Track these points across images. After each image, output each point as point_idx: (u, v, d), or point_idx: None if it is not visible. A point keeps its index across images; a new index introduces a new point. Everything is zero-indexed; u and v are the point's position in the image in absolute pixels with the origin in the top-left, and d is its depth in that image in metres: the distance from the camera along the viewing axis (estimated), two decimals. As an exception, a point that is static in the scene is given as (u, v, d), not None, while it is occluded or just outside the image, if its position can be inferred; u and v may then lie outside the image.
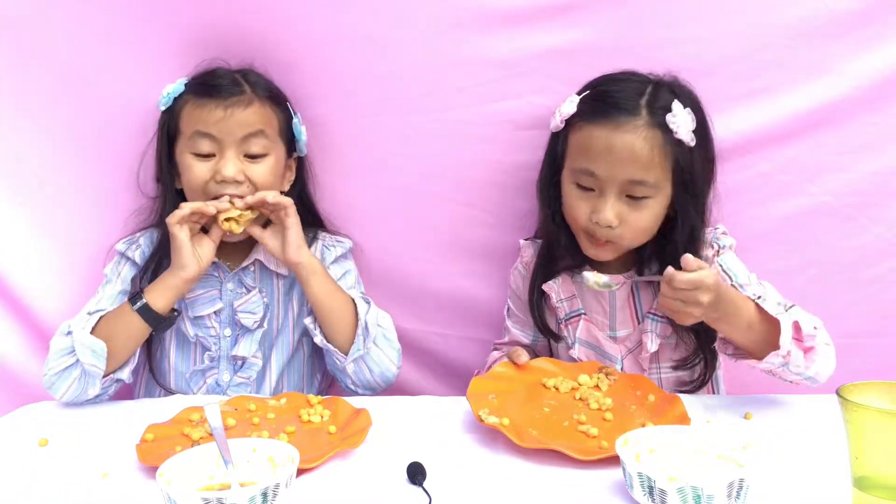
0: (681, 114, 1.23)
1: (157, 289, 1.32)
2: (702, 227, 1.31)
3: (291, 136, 1.43)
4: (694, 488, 0.86)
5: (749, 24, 1.37)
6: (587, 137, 1.26)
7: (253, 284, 1.42)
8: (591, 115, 1.26)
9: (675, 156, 1.24)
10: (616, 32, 1.38)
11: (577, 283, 1.39)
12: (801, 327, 1.15)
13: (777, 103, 1.39)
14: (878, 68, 1.36)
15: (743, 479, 0.87)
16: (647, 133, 1.22)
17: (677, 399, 1.18)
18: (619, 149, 1.22)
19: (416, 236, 1.54)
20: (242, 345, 1.41)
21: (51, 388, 1.29)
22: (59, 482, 1.03)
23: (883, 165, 1.40)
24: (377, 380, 1.36)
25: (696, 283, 1.10)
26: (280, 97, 1.42)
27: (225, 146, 1.34)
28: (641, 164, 1.22)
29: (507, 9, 1.40)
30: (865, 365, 1.32)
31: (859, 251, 1.42)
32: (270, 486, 0.84)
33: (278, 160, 1.39)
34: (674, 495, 0.86)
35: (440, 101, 1.46)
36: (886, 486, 0.82)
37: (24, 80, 1.45)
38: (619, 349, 1.36)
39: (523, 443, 1.05)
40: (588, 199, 1.27)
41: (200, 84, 1.38)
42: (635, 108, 1.23)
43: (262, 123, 1.36)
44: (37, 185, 1.48)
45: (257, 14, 1.44)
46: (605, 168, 1.23)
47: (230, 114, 1.33)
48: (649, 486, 0.89)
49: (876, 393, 0.87)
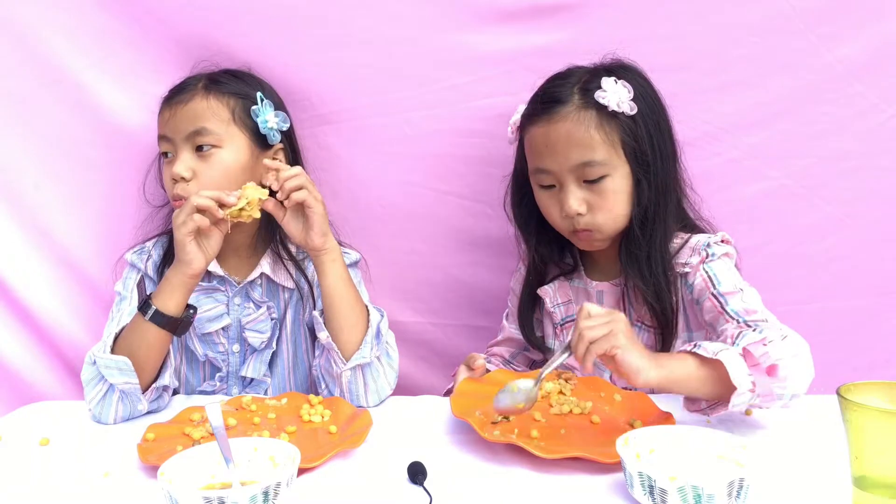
0: (611, 88, 1.25)
1: (164, 291, 1.25)
2: (667, 200, 1.29)
3: (257, 126, 1.37)
4: (694, 487, 0.86)
5: (720, 23, 1.46)
6: (532, 138, 1.30)
7: (260, 299, 1.40)
8: (529, 117, 1.31)
9: (618, 129, 1.25)
10: (601, 31, 1.45)
11: (573, 289, 1.40)
12: (751, 351, 1.05)
13: (744, 95, 1.48)
14: (830, 63, 1.47)
15: (743, 479, 0.87)
16: (578, 116, 1.25)
17: (643, 395, 1.20)
18: (555, 138, 1.26)
19: (413, 229, 1.57)
20: (252, 366, 1.39)
21: (100, 418, 1.24)
22: (60, 482, 1.03)
23: (832, 151, 1.51)
24: (369, 396, 1.29)
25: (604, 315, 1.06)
26: (240, 89, 1.37)
27: (176, 145, 1.33)
28: (582, 146, 1.24)
29: (500, 8, 1.46)
30: (821, 327, 1.41)
31: (812, 228, 1.54)
32: (271, 486, 0.84)
33: (237, 151, 1.34)
34: (674, 495, 0.87)
35: (436, 97, 1.50)
36: (886, 486, 0.82)
37: (23, 86, 1.46)
38: None
39: (549, 454, 1.02)
40: (554, 196, 1.30)
41: (169, 91, 1.39)
42: (567, 96, 1.27)
43: (203, 116, 1.33)
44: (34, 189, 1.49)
45: (257, 16, 1.45)
46: (551, 161, 1.27)
47: (173, 112, 1.33)
48: (650, 486, 0.89)
49: (876, 393, 0.87)
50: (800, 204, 1.52)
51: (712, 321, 1.24)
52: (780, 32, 1.46)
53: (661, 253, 1.28)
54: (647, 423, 1.12)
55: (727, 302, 1.21)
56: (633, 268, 1.29)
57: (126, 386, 1.22)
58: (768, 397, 1.06)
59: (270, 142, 1.39)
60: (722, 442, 0.96)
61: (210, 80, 1.37)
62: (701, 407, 1.11)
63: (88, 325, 1.51)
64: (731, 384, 1.03)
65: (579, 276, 1.40)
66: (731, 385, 1.03)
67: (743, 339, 1.08)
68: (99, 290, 1.51)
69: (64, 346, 1.52)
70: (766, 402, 1.07)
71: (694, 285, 1.27)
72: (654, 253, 1.28)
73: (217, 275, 1.39)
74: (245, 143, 1.36)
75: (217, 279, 1.40)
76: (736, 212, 1.46)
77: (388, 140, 1.52)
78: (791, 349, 1.07)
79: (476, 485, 0.99)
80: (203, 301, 1.38)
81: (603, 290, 1.38)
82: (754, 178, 1.51)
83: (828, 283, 1.56)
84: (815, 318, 1.52)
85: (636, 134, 1.26)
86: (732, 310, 1.20)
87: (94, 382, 1.24)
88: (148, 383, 1.25)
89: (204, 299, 1.38)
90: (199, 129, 1.32)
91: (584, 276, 1.40)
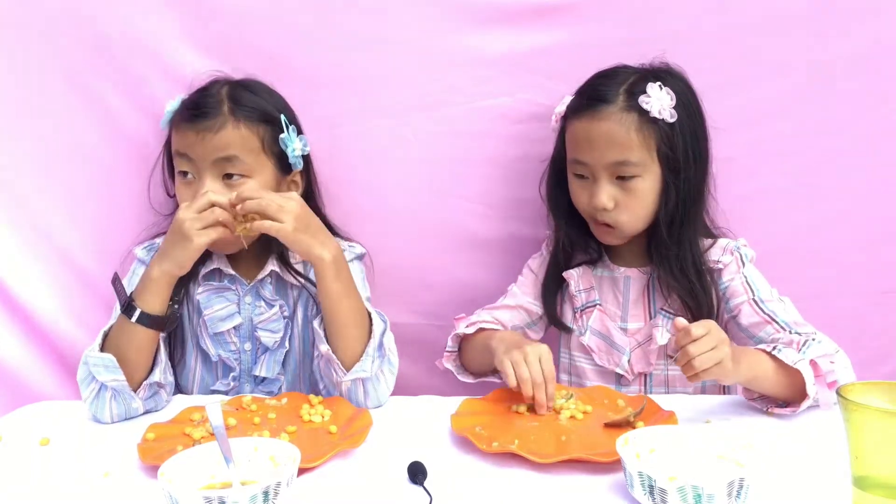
0: (655, 94, 1.30)
1: (147, 291, 1.23)
2: (697, 207, 1.35)
3: (282, 151, 1.37)
4: (694, 487, 0.86)
5: (716, 23, 1.47)
6: (574, 131, 1.35)
7: (271, 297, 1.40)
8: (576, 111, 1.35)
9: (656, 134, 1.30)
10: (600, 32, 1.47)
11: (596, 277, 1.44)
12: (819, 365, 1.16)
13: (740, 94, 1.49)
14: (825, 61, 1.48)
15: (743, 479, 0.87)
16: (621, 117, 1.29)
17: (646, 398, 1.21)
18: (596, 136, 1.30)
19: (413, 230, 1.57)
20: (264, 365, 1.39)
21: (97, 417, 1.24)
22: (60, 482, 1.03)
23: (828, 150, 1.52)
24: (368, 403, 1.28)
25: (706, 326, 1.10)
26: (267, 114, 1.35)
27: (201, 169, 1.31)
28: (620, 146, 1.29)
29: (499, 11, 1.47)
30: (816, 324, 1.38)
31: (808, 226, 1.56)
32: (272, 485, 0.84)
33: (265, 179, 1.34)
34: (674, 494, 0.87)
35: (436, 98, 1.51)
36: (886, 486, 0.82)
37: (25, 87, 1.46)
38: (628, 341, 1.39)
39: (544, 459, 1.02)
40: (586, 187, 1.35)
41: (185, 103, 1.36)
42: (614, 96, 1.31)
43: (235, 146, 1.31)
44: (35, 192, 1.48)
45: (258, 21, 1.46)
46: (589, 155, 1.32)
47: (201, 137, 1.30)
48: (650, 486, 0.89)
49: (876, 393, 0.87)
50: (795, 202, 1.54)
51: (752, 326, 1.31)
52: (775, 31, 1.47)
53: (692, 254, 1.34)
54: (650, 425, 1.12)
55: (775, 312, 1.30)
56: (664, 267, 1.35)
57: (114, 383, 1.21)
58: (824, 406, 1.15)
59: (294, 168, 1.40)
60: (722, 442, 0.97)
61: (233, 101, 1.33)
62: (754, 397, 1.21)
63: (87, 325, 1.50)
64: (800, 389, 1.14)
65: (604, 264, 1.44)
66: (800, 390, 1.14)
67: (809, 349, 1.19)
68: (99, 291, 1.50)
69: (63, 348, 1.52)
70: (822, 407, 1.16)
71: (729, 286, 1.35)
72: (684, 254, 1.34)
73: (227, 273, 1.39)
74: (271, 170, 1.36)
75: (227, 278, 1.39)
76: (731, 210, 1.46)
77: (388, 142, 1.52)
78: (844, 362, 1.21)
79: (476, 485, 0.99)
80: (214, 300, 1.38)
81: (631, 276, 1.41)
82: (750, 177, 1.51)
83: (824, 281, 1.57)
84: (811, 317, 1.50)
85: (672, 141, 1.31)
86: (783, 321, 1.29)
87: (87, 382, 1.24)
88: (139, 382, 1.24)
89: (215, 299, 1.38)
90: (230, 157, 1.31)
91: (610, 263, 1.43)
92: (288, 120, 1.37)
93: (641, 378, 1.40)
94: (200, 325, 1.38)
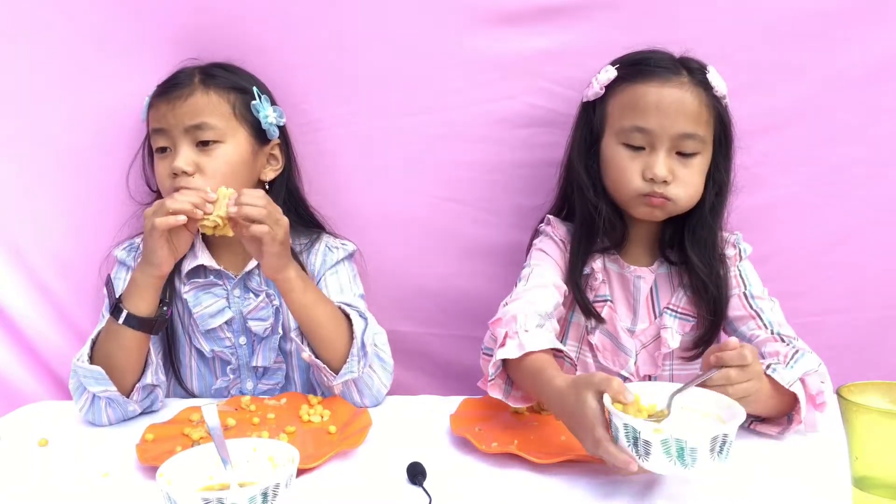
0: (716, 74, 1.29)
1: (134, 294, 1.23)
2: (726, 195, 1.34)
3: (256, 120, 1.37)
4: (678, 440, 0.87)
5: (728, 27, 1.44)
6: (635, 96, 1.28)
7: (258, 287, 1.39)
8: (634, 77, 1.30)
9: (718, 113, 1.29)
10: (604, 35, 1.43)
11: (606, 271, 1.39)
12: (811, 388, 1.12)
13: (754, 101, 1.45)
14: (842, 68, 1.45)
15: (727, 436, 0.88)
16: (692, 89, 1.27)
17: None
18: (668, 102, 1.25)
19: (413, 237, 1.54)
20: (261, 354, 1.38)
21: (93, 423, 1.24)
22: (59, 482, 1.03)
23: (844, 158, 1.49)
24: (365, 401, 1.29)
25: (754, 355, 1.07)
26: (237, 84, 1.36)
27: (175, 138, 1.31)
28: (692, 117, 1.26)
29: (501, 12, 1.44)
30: (830, 340, 1.40)
31: (824, 236, 1.52)
32: (270, 486, 0.84)
33: (238, 146, 1.34)
34: (658, 447, 0.88)
35: (436, 102, 1.48)
36: (886, 486, 0.82)
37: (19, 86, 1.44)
38: (634, 343, 1.36)
39: (544, 459, 1.02)
40: (639, 158, 1.28)
41: (159, 85, 1.37)
42: (677, 68, 1.28)
43: (206, 110, 1.32)
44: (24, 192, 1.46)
45: (254, 18, 1.44)
46: (656, 122, 1.26)
47: (172, 105, 1.32)
48: (634, 437, 0.89)
49: (876, 393, 0.87)
50: (811, 212, 1.50)
51: (737, 319, 1.31)
52: (791, 37, 1.43)
53: (718, 244, 1.33)
54: None
55: (762, 310, 1.29)
56: (698, 251, 1.32)
57: (105, 394, 1.21)
58: (810, 427, 1.12)
59: (269, 137, 1.39)
60: (708, 401, 0.97)
61: (205, 73, 1.36)
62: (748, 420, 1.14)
63: (75, 330, 1.49)
64: (788, 407, 1.11)
65: (615, 259, 1.39)
66: (788, 408, 1.11)
67: (797, 364, 1.14)
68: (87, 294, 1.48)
69: (48, 354, 1.50)
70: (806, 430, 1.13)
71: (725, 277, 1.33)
72: (714, 242, 1.32)
73: (213, 269, 1.38)
74: (245, 137, 1.36)
75: (213, 274, 1.39)
76: (745, 219, 1.42)
77: (387, 145, 1.50)
78: (826, 376, 1.17)
79: (476, 485, 0.99)
80: (202, 297, 1.37)
81: (641, 274, 1.38)
82: (765, 186, 1.48)
83: (840, 292, 1.53)
84: (825, 329, 1.49)
85: (725, 123, 1.30)
86: (768, 319, 1.28)
87: (79, 393, 1.23)
88: (132, 385, 1.24)
89: (202, 296, 1.38)
90: (201, 123, 1.32)
91: (620, 259, 1.39)
92: (260, 91, 1.38)
93: (646, 379, 1.37)
94: (192, 324, 1.38)
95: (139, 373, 1.25)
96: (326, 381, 1.27)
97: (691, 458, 0.87)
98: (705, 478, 0.97)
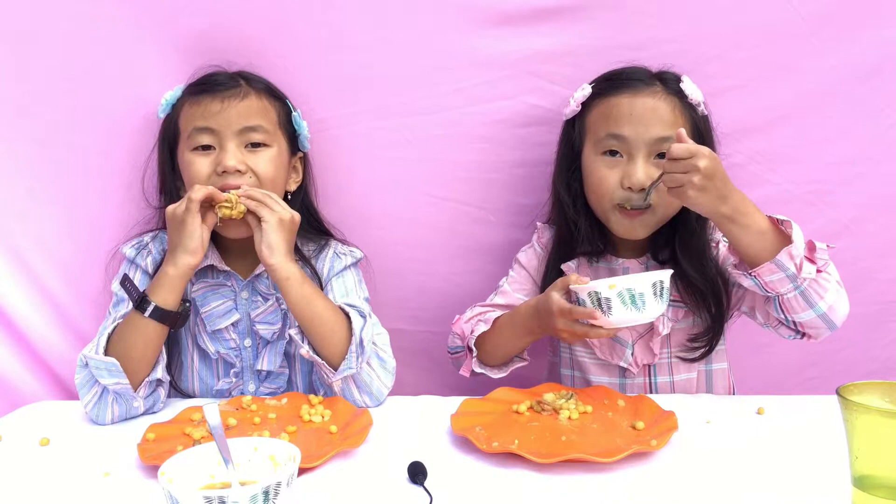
0: (690, 84, 1.33)
1: (163, 286, 1.25)
2: None
3: (293, 131, 1.42)
4: (629, 289, 1.13)
5: (723, 27, 1.46)
6: (609, 107, 1.32)
7: (267, 291, 1.40)
8: (609, 90, 1.34)
9: (691, 121, 1.32)
10: (602, 35, 1.45)
11: (594, 269, 1.41)
12: (815, 245, 1.17)
13: (747, 99, 1.47)
14: (834, 67, 1.47)
15: (663, 281, 1.14)
16: (665, 97, 1.31)
17: (646, 398, 1.21)
18: (642, 110, 1.29)
19: (413, 236, 1.56)
20: (266, 358, 1.38)
21: (97, 420, 1.24)
22: (60, 482, 1.03)
23: (837, 156, 1.51)
24: (365, 400, 1.29)
25: (692, 151, 1.14)
26: (277, 92, 1.41)
27: (224, 138, 1.32)
28: (666, 122, 1.29)
29: (501, 12, 1.46)
30: None
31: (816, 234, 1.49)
32: (272, 485, 0.84)
33: (281, 153, 1.38)
34: (616, 301, 1.14)
35: (437, 102, 1.49)
36: (886, 486, 0.83)
37: (22, 88, 1.44)
38: (629, 334, 1.38)
39: (544, 459, 1.02)
40: (617, 167, 1.31)
41: (197, 84, 1.38)
42: (650, 79, 1.33)
43: (259, 114, 1.35)
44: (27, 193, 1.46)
45: (256, 19, 1.45)
46: (630, 129, 1.29)
47: (227, 105, 1.33)
48: (597, 299, 1.15)
49: (876, 393, 0.87)
50: (804, 210, 1.51)
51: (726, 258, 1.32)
52: (783, 36, 1.45)
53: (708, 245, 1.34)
54: (650, 425, 1.13)
55: None
56: (690, 259, 1.33)
57: (117, 386, 1.22)
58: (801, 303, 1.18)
59: (302, 149, 1.44)
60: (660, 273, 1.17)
61: (245, 78, 1.38)
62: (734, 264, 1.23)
63: (75, 330, 1.50)
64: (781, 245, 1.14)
65: (602, 256, 1.41)
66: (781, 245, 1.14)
67: None
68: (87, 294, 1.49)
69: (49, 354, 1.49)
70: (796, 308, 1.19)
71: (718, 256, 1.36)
72: (706, 245, 1.34)
73: (222, 270, 1.39)
74: (285, 147, 1.40)
75: (223, 275, 1.39)
76: None
77: (388, 145, 1.51)
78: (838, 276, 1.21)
79: (476, 485, 0.99)
80: (210, 298, 1.38)
81: (630, 266, 1.40)
82: (758, 183, 1.49)
83: None
84: None
85: (701, 130, 1.33)
86: None
87: (89, 386, 1.24)
88: (141, 381, 1.24)
89: (211, 296, 1.38)
90: (256, 126, 1.34)
91: (608, 254, 1.41)
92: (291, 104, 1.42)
93: (645, 368, 1.39)
94: (198, 323, 1.38)
95: (150, 368, 1.25)
96: (326, 377, 1.28)
97: (641, 303, 1.14)
98: (705, 478, 0.98)
